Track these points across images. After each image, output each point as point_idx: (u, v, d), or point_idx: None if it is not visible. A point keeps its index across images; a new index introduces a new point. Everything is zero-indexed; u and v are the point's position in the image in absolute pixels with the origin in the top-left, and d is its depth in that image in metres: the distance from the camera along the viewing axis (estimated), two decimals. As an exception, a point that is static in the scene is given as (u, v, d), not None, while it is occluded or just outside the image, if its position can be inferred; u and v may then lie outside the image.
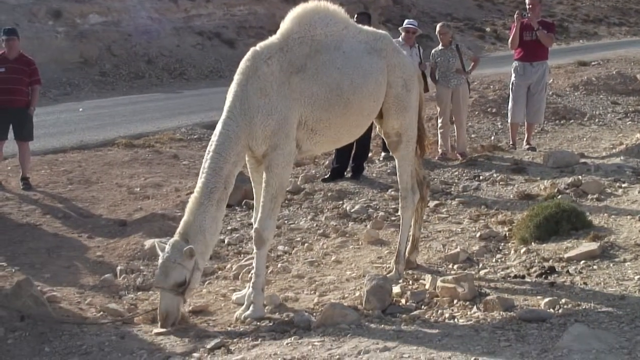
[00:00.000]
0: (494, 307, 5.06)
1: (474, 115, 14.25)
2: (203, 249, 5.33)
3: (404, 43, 10.56)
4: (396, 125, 6.04)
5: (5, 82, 9.70)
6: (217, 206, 5.38)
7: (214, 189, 5.33)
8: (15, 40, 9.96)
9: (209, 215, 5.32)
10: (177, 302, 5.28)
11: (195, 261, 5.26)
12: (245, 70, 5.50)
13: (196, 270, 5.30)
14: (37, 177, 10.09)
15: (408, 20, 11.11)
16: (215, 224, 5.40)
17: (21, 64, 9.88)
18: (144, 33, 25.25)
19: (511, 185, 9.26)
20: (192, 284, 5.34)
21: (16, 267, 6.74)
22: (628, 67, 21.14)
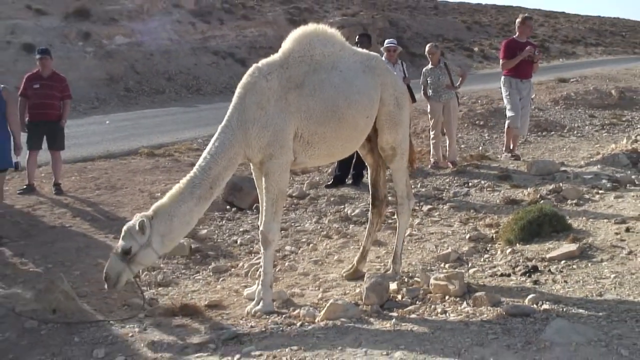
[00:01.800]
0: (482, 303, 5.04)
1: (464, 127, 14.24)
2: (165, 232, 5.19)
3: (387, 61, 10.53)
4: (390, 139, 6.01)
5: (39, 98, 9.72)
6: (198, 202, 5.31)
7: (199, 185, 5.31)
8: (47, 59, 9.98)
9: (185, 206, 5.25)
10: (119, 267, 5.12)
11: (150, 238, 5.13)
12: (246, 84, 5.49)
13: (147, 247, 5.13)
14: (68, 183, 10.08)
15: (388, 40, 11.06)
16: (188, 217, 5.29)
17: (54, 81, 9.90)
18: (165, 53, 25.32)
19: (498, 192, 9.24)
20: (139, 258, 5.14)
21: (49, 265, 6.73)
22: (604, 84, 21.13)
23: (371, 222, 6.51)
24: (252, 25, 32.03)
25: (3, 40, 22.38)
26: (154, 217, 5.21)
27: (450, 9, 57.06)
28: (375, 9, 45.76)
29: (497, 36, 47.83)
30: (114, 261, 5.14)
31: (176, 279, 6.61)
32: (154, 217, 5.21)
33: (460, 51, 39.23)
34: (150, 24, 27.42)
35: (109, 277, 5.12)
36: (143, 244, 5.13)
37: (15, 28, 23.27)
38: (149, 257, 5.21)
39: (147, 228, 5.13)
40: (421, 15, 48.90)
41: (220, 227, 8.30)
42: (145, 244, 5.14)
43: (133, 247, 5.11)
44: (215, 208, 8.96)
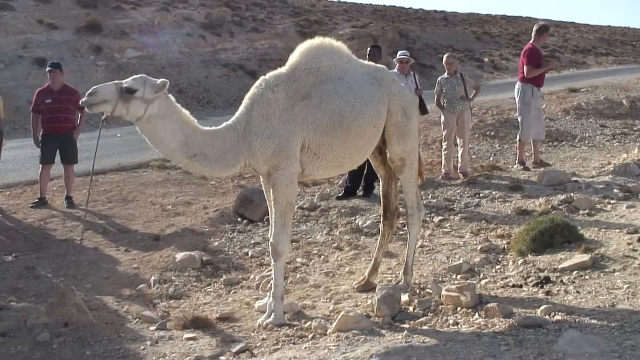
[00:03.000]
0: (494, 314, 5.02)
1: (474, 138, 14.21)
2: (159, 115, 5.08)
3: (399, 72, 10.57)
4: (399, 150, 6.00)
5: (51, 112, 9.80)
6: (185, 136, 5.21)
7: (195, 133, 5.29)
8: (57, 72, 10.04)
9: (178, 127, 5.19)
10: (112, 96, 4.97)
11: (153, 102, 5.04)
12: (252, 96, 5.53)
13: (144, 103, 5.01)
14: (80, 196, 10.13)
15: (401, 52, 11.11)
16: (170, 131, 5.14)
17: (65, 93, 9.96)
18: (176, 66, 25.44)
19: (509, 202, 9.22)
20: (131, 104, 4.98)
21: (60, 278, 6.75)
22: (615, 93, 21.05)
23: (382, 234, 6.51)
24: (263, 37, 32.17)
25: (15, 54, 22.56)
26: (168, 99, 5.18)
27: (460, 20, 57.13)
28: (385, 20, 45.89)
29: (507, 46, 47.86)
30: (112, 88, 5.01)
31: (188, 291, 6.61)
32: (168, 99, 5.18)
33: (470, 62, 39.22)
34: (161, 38, 27.59)
35: (96, 94, 4.98)
36: (145, 99, 5.03)
37: (28, 42, 23.46)
38: (137, 110, 5.02)
39: (161, 92, 5.09)
40: (431, 26, 49.01)
41: (231, 240, 8.31)
42: (146, 100, 5.03)
43: (138, 92, 5.01)
44: (226, 220, 8.99)
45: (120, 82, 5.06)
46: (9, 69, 21.46)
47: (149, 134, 5.16)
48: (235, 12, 35.40)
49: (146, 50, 26.00)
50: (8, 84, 19.34)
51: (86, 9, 28.41)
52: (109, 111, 5.04)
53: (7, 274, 6.82)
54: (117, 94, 4.97)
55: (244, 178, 11.20)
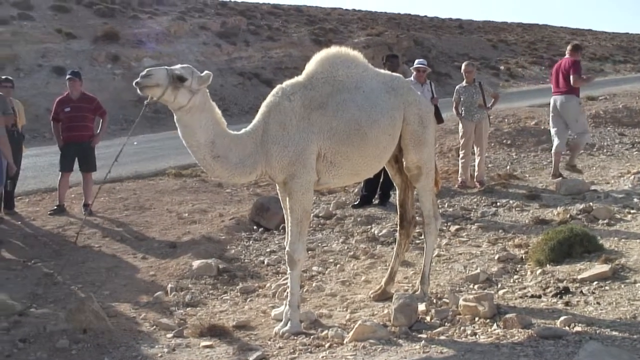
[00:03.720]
0: (513, 325, 4.98)
1: (491, 146, 14.14)
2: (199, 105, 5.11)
3: (416, 81, 10.57)
4: (415, 159, 5.98)
5: (71, 120, 9.89)
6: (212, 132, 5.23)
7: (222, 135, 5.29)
8: (76, 81, 10.12)
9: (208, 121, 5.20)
10: (164, 80, 4.96)
11: (197, 92, 5.08)
12: (269, 104, 5.53)
13: (190, 93, 5.04)
14: (97, 203, 10.18)
15: (418, 61, 11.11)
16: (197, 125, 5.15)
17: (84, 102, 10.06)
18: (192, 74, 25.56)
19: (526, 211, 9.16)
20: (179, 92, 5.00)
21: (79, 285, 6.80)
22: (633, 101, 20.88)
23: (399, 243, 6.48)
24: (278, 46, 32.31)
25: (35, 63, 22.81)
26: (207, 93, 5.23)
27: (475, 28, 57.04)
28: (400, 28, 45.93)
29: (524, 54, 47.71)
30: (164, 73, 5.01)
31: (204, 299, 6.61)
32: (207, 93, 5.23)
33: (486, 70, 39.13)
34: (177, 46, 27.79)
35: (151, 76, 4.97)
36: (192, 89, 5.06)
37: (46, 52, 23.73)
38: (183, 99, 5.04)
39: (204, 84, 5.12)
40: (446, 35, 48.97)
41: (247, 248, 8.32)
42: (192, 90, 5.06)
43: (187, 81, 5.03)
44: (242, 228, 9.00)
45: (171, 69, 5.06)
46: (28, 78, 21.69)
47: (185, 125, 5.16)
48: (251, 21, 35.62)
49: (162, 59, 26.16)
50: (28, 93, 19.52)
51: (103, 18, 28.71)
52: (157, 95, 5.02)
53: (27, 280, 6.87)
54: (168, 80, 4.98)
55: (259, 186, 11.22)
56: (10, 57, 22.57)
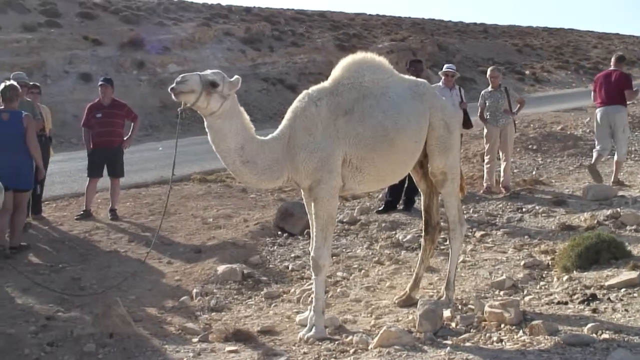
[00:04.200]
0: (539, 332, 4.93)
1: (516, 151, 14.05)
2: (229, 109, 5.15)
3: (444, 86, 10.55)
4: (440, 164, 5.97)
5: (102, 126, 10.01)
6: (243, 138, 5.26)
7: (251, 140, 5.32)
8: (107, 87, 10.26)
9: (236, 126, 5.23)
10: (197, 86, 4.97)
11: (228, 98, 5.11)
12: (295, 109, 5.55)
13: (222, 98, 5.07)
14: (123, 208, 10.29)
15: (447, 65, 11.09)
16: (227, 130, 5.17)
17: (115, 108, 10.20)
18: (216, 80, 25.72)
19: (553, 217, 9.09)
20: (212, 97, 5.02)
21: (105, 289, 6.87)
22: (661, 106, 20.61)
23: (424, 249, 6.46)
24: (302, 51, 32.39)
25: (61, 70, 23.11)
26: (235, 98, 5.27)
27: (500, 32, 56.68)
28: (424, 33, 45.82)
29: (549, 59, 47.33)
30: (198, 79, 5.03)
31: (229, 304, 6.65)
32: (235, 98, 5.27)
33: (511, 74, 38.87)
34: (202, 52, 27.98)
35: (186, 82, 5.00)
36: (223, 94, 5.10)
37: (73, 58, 24.02)
38: (215, 105, 5.07)
39: (234, 89, 5.16)
40: (471, 39, 48.75)
41: (272, 253, 8.34)
42: (224, 95, 5.10)
43: (219, 87, 5.07)
44: (266, 233, 9.03)
45: (204, 75, 5.09)
46: (55, 85, 21.98)
47: (216, 130, 5.18)
48: (275, 27, 35.76)
49: (187, 65, 26.35)
50: (55, 99, 19.76)
51: (129, 24, 29.00)
52: (191, 102, 5.04)
53: (54, 285, 6.96)
54: (202, 86, 5.01)
55: (284, 191, 11.26)
56: (38, 63, 22.88)
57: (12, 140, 7.90)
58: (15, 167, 7.84)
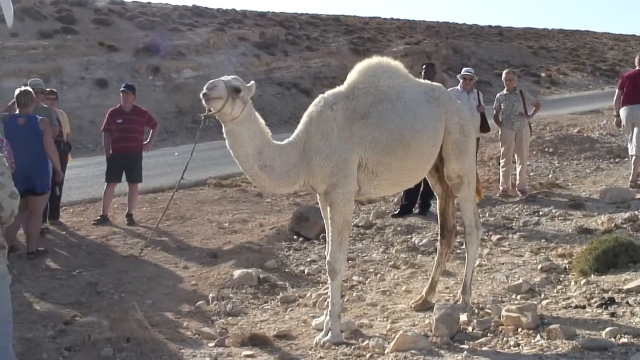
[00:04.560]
0: (556, 336, 4.91)
1: (532, 154, 13.99)
2: (248, 114, 5.17)
3: (462, 89, 10.55)
4: (456, 168, 5.96)
5: (122, 132, 10.08)
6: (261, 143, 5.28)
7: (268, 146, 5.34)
8: (129, 93, 10.34)
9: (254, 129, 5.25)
10: (224, 92, 5.01)
11: (247, 104, 5.13)
12: (311, 113, 5.57)
13: (242, 104, 5.09)
14: (139, 213, 10.35)
15: (465, 69, 11.10)
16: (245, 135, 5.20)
17: (135, 115, 10.27)
18: (231, 85, 25.82)
19: (570, 220, 9.04)
20: (235, 103, 5.04)
21: (122, 294, 6.91)
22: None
23: (440, 253, 6.45)
24: (316, 55, 32.42)
25: (78, 76, 23.27)
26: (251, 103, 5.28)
27: (515, 35, 56.45)
28: (438, 36, 45.72)
29: (565, 61, 47.07)
30: (223, 85, 5.05)
31: (245, 308, 6.66)
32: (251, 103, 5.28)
33: (527, 77, 38.69)
34: (217, 58, 28.08)
35: (215, 89, 5.02)
36: (244, 99, 5.12)
37: (89, 64, 24.19)
38: (237, 110, 5.09)
39: (251, 94, 5.18)
40: (486, 42, 48.57)
41: (287, 257, 8.36)
42: (244, 101, 5.12)
43: (242, 92, 5.09)
44: (282, 238, 9.04)
45: (228, 80, 5.12)
46: (71, 90, 22.14)
47: (236, 136, 5.19)
48: (289, 31, 35.81)
49: (202, 70, 26.47)
50: (71, 105, 19.91)
51: (144, 30, 29.16)
52: (218, 108, 5.05)
53: (72, 290, 7.01)
54: (228, 92, 5.04)
55: (299, 196, 11.27)
56: (55, 70, 23.07)
57: (28, 144, 7.97)
58: (32, 170, 7.91)
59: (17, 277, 7.01)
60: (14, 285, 5.86)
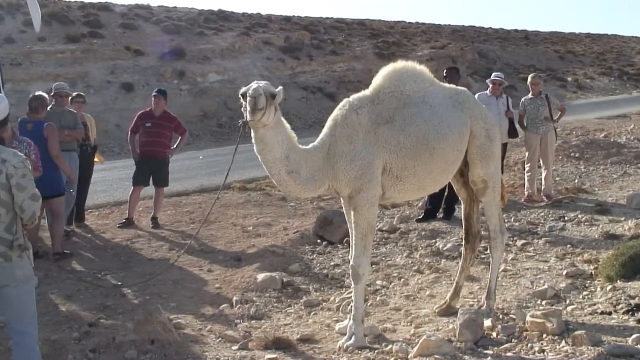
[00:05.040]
0: (582, 342, 4.87)
1: (558, 159, 13.89)
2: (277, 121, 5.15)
3: (491, 94, 10.51)
4: (481, 173, 5.94)
5: (150, 135, 10.15)
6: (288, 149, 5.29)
7: (293, 150, 5.33)
8: (160, 98, 10.38)
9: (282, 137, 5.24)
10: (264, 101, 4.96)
11: (277, 110, 5.11)
12: (336, 117, 5.57)
13: (275, 109, 5.07)
14: (164, 216, 10.42)
15: (495, 74, 11.05)
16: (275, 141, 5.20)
17: (164, 120, 10.31)
18: (256, 89, 25.93)
19: (596, 226, 8.96)
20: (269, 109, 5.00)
21: (147, 297, 6.96)
22: None
23: (464, 258, 6.42)
24: (341, 60, 32.46)
25: (104, 80, 23.52)
26: None
27: (541, 39, 56.06)
28: (464, 40, 45.54)
29: (592, 65, 46.63)
30: (263, 92, 5.01)
31: (269, 312, 6.68)
32: None
33: (553, 81, 38.40)
34: (242, 62, 28.22)
35: (259, 97, 4.98)
36: (276, 105, 5.11)
37: (115, 68, 24.44)
38: (271, 116, 5.07)
39: (280, 99, 5.17)
40: (512, 46, 48.31)
41: (311, 261, 8.36)
42: (276, 107, 5.11)
43: (275, 98, 5.09)
44: (306, 242, 9.05)
45: (265, 87, 5.09)
46: (98, 94, 22.38)
47: (266, 142, 5.18)
48: (314, 36, 35.90)
49: (227, 74, 26.62)
50: (97, 109, 20.12)
51: (170, 35, 29.40)
52: (259, 117, 5.03)
53: (97, 292, 7.07)
54: (267, 100, 5.03)
55: (323, 200, 11.28)
56: (81, 74, 23.35)
57: None
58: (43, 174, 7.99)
59: (43, 279, 7.12)
60: (40, 287, 5.97)
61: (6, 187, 4.09)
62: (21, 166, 4.13)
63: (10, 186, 4.09)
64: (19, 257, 4.18)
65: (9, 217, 4.14)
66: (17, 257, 4.16)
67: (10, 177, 4.09)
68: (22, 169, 4.13)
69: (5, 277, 4.15)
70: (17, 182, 4.10)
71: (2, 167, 4.09)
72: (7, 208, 4.12)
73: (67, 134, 8.99)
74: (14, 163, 4.11)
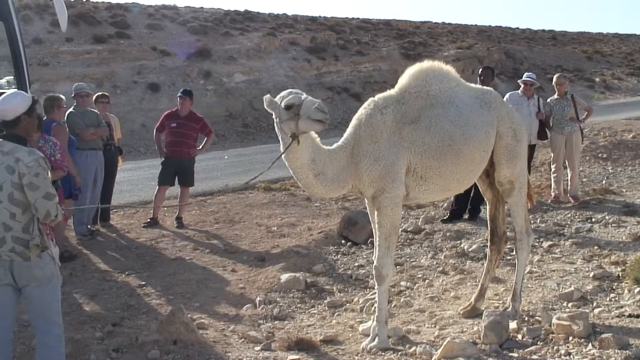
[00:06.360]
0: (609, 345, 4.80)
1: (585, 160, 13.72)
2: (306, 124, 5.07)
3: (522, 94, 10.42)
4: (508, 173, 5.88)
5: (175, 136, 10.20)
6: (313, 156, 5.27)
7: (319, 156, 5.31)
8: (186, 99, 10.40)
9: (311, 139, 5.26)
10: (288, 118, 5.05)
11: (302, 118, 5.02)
12: (360, 117, 5.54)
13: (303, 119, 5.01)
14: (188, 216, 10.47)
15: (527, 74, 10.93)
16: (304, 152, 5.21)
17: (190, 120, 10.34)
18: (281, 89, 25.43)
19: (623, 227, 8.82)
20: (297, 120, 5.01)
21: (170, 297, 6.98)
22: None
23: (489, 259, 6.35)
24: (367, 60, 32.42)
25: (130, 80, 23.71)
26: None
27: (569, 39, 55.46)
28: (490, 41, 45.23)
29: (620, 66, 46.05)
30: (284, 117, 5.09)
31: (292, 312, 6.66)
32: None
33: (580, 82, 37.99)
34: (268, 62, 28.28)
35: (292, 105, 5.05)
36: (303, 118, 5.05)
37: (142, 68, 24.63)
38: (289, 127, 5.11)
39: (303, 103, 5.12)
40: (539, 46, 47.87)
41: (335, 262, 8.33)
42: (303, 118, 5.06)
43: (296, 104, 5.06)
44: (330, 242, 9.03)
45: (305, 98, 5.12)
46: (124, 95, 22.58)
47: (296, 149, 5.17)
48: (340, 36, 35.87)
49: (253, 74, 26.69)
50: (123, 109, 20.32)
51: (196, 35, 29.56)
52: (292, 129, 5.10)
53: (121, 291, 7.12)
54: (288, 116, 5.08)
55: (347, 200, 11.25)
56: (108, 74, 23.56)
57: None
58: None
59: (68, 278, 7.18)
60: (65, 286, 6.01)
61: (19, 187, 4.09)
62: (34, 165, 4.10)
63: (23, 185, 4.10)
64: (38, 257, 4.18)
65: (26, 217, 4.14)
66: (35, 256, 4.17)
67: (23, 176, 4.08)
68: (36, 168, 4.10)
69: (25, 277, 4.17)
70: (30, 181, 4.09)
71: (15, 166, 4.08)
72: (23, 208, 4.12)
73: (92, 133, 9.07)
74: (27, 162, 4.09)
